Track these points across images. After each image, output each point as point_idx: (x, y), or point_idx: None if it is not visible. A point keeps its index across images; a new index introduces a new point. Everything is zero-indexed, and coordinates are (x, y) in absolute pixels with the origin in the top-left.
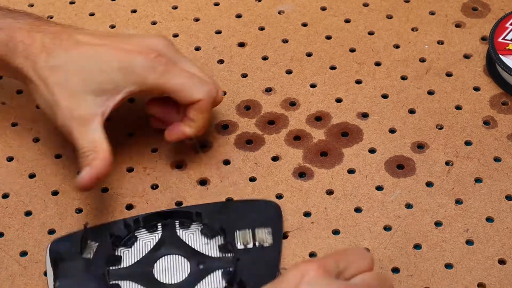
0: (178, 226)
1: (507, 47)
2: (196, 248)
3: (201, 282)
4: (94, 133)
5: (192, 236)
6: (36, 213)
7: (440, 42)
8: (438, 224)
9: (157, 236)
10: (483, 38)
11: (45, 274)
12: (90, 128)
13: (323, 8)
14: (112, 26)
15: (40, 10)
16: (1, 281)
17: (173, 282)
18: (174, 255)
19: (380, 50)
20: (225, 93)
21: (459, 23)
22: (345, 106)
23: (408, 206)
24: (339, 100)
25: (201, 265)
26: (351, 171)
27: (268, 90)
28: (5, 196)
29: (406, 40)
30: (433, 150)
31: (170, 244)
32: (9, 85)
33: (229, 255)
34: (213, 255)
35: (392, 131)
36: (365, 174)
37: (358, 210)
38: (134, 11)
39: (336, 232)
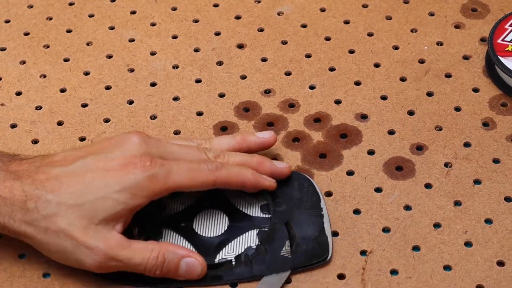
0: None
1: (506, 49)
2: (236, 205)
3: (236, 238)
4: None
5: (235, 193)
6: None
7: (440, 43)
8: (436, 226)
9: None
10: (483, 39)
11: (44, 276)
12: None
13: (322, 10)
14: (111, 28)
15: (40, 12)
16: (0, 283)
17: (210, 236)
18: (214, 210)
19: (379, 51)
20: (224, 95)
21: (459, 24)
22: (344, 108)
23: (407, 208)
24: (338, 102)
25: (239, 223)
26: (350, 173)
27: (267, 92)
28: None
29: (405, 41)
30: (432, 151)
31: (213, 198)
32: (8, 86)
33: (267, 215)
34: (252, 214)
35: (391, 132)
36: (364, 176)
37: (356, 212)
38: (133, 12)
39: (334, 234)
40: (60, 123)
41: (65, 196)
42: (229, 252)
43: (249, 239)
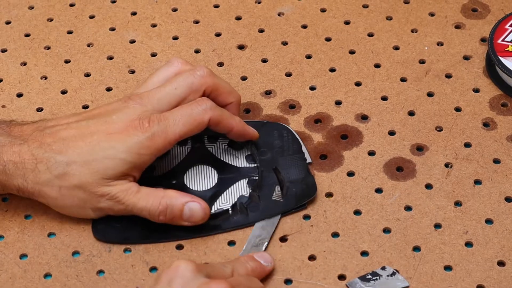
0: (206, 140)
1: (507, 49)
2: (223, 159)
3: (228, 189)
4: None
5: (220, 149)
6: (36, 216)
7: (440, 44)
8: (437, 226)
9: (187, 149)
10: (483, 40)
11: (45, 277)
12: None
13: (323, 10)
14: (112, 29)
15: (41, 13)
16: (1, 284)
17: (202, 189)
18: (203, 166)
19: (379, 52)
20: None
21: (459, 25)
22: (344, 109)
23: (407, 208)
24: (338, 103)
25: (228, 175)
26: (350, 174)
27: (268, 93)
28: (5, 199)
29: (405, 42)
30: (433, 152)
31: (200, 156)
32: (9, 88)
33: (254, 164)
34: (239, 165)
35: (391, 133)
36: (365, 176)
37: (357, 212)
38: (134, 13)
39: (335, 235)
40: None
41: (73, 156)
42: (223, 203)
43: (240, 189)
